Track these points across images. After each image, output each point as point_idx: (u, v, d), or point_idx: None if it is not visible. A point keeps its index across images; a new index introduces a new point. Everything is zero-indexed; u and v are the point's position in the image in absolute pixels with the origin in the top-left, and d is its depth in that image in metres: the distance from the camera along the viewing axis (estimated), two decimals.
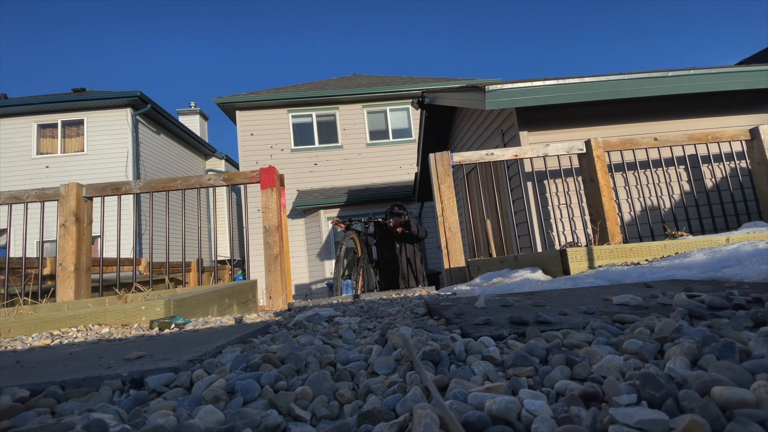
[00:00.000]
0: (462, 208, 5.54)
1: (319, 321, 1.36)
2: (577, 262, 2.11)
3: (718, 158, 3.74)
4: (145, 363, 0.81)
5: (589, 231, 3.26)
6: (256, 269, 9.02)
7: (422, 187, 8.35)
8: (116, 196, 3.09)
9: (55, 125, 11.28)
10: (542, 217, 3.77)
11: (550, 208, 3.84)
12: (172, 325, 1.44)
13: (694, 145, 3.43)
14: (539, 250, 3.72)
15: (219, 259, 14.21)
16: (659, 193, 3.81)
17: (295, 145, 11.27)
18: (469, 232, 3.90)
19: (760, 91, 3.99)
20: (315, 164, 11.17)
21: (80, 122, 11.32)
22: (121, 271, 3.76)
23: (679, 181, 3.82)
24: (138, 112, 11.30)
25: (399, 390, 0.60)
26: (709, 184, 3.83)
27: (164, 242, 7.57)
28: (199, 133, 16.06)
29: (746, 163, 3.59)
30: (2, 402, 0.61)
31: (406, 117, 11.74)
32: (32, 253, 9.96)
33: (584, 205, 3.46)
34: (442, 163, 3.12)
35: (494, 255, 4.41)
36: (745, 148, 3.49)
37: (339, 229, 4.33)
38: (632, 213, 3.65)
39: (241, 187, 3.70)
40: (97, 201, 3.29)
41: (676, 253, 2.08)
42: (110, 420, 0.53)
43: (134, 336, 1.32)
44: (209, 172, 14.70)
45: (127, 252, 9.44)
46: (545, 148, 3.23)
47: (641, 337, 0.70)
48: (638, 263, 2.06)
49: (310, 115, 11.49)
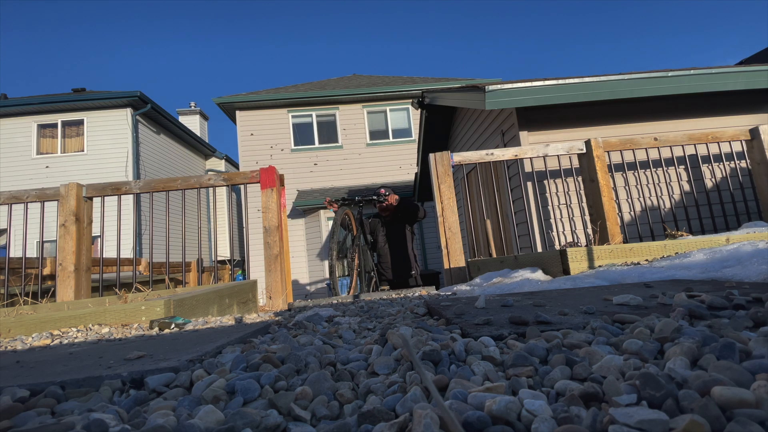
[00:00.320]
0: (462, 208, 5.54)
1: (319, 321, 1.36)
2: (577, 262, 2.11)
3: (718, 158, 3.74)
4: (145, 363, 0.81)
5: (589, 231, 3.26)
6: (256, 269, 9.02)
7: (422, 187, 8.35)
8: (116, 196, 3.09)
9: (55, 125, 11.28)
10: (542, 217, 3.77)
11: (550, 208, 3.84)
12: (172, 325, 1.44)
13: (694, 145, 3.43)
14: (539, 250, 3.72)
15: (219, 259, 14.22)
16: (659, 193, 3.81)
17: (295, 145, 11.27)
18: (469, 232, 3.90)
19: (760, 91, 3.99)
20: (315, 164, 11.18)
21: (80, 122, 11.33)
22: (121, 271, 3.76)
23: (679, 181, 3.82)
24: (138, 112, 11.30)
25: (399, 390, 0.60)
26: (709, 184, 3.83)
27: (164, 242, 7.57)
28: (199, 133, 16.07)
29: (746, 163, 3.58)
30: (2, 402, 0.61)
31: (406, 117, 11.74)
32: (32, 253, 9.97)
33: (584, 205, 3.46)
34: (442, 163, 3.12)
35: (494, 255, 4.41)
36: (745, 148, 3.49)
37: (331, 209, 4.09)
38: (632, 213, 3.65)
39: (241, 187, 3.70)
40: (97, 201, 3.29)
41: (676, 253, 2.08)
42: (110, 420, 0.53)
43: (134, 336, 1.31)
44: (209, 172, 14.70)
45: (127, 252, 9.44)
46: (545, 148, 3.23)
47: (641, 337, 0.70)
48: (638, 263, 2.06)
49: (310, 115, 11.49)
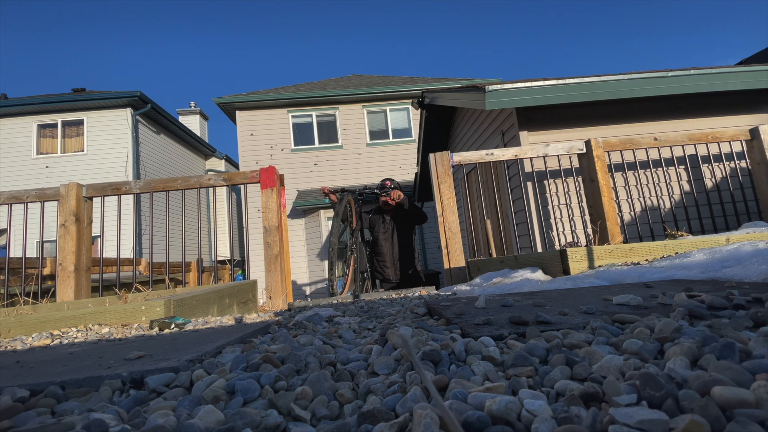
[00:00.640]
0: (462, 208, 5.54)
1: (319, 321, 1.36)
2: (577, 262, 2.11)
3: (718, 158, 3.74)
4: (145, 363, 0.81)
5: (589, 231, 3.26)
6: (256, 269, 9.02)
7: (422, 187, 8.35)
8: (116, 196, 3.08)
9: (55, 125, 11.28)
10: (542, 217, 3.77)
11: (550, 208, 3.84)
12: (172, 325, 1.44)
13: (694, 145, 3.43)
14: (539, 250, 3.72)
15: (219, 259, 14.22)
16: (659, 193, 3.81)
17: (295, 145, 11.27)
18: (469, 232, 3.90)
19: (760, 91, 3.99)
20: (315, 164, 11.18)
21: (80, 122, 11.33)
22: (121, 271, 3.76)
23: (679, 181, 3.82)
24: (138, 112, 11.30)
25: (399, 390, 0.60)
26: (709, 184, 3.82)
27: (164, 242, 7.57)
28: (199, 133, 16.07)
29: (746, 163, 3.58)
30: (2, 402, 0.61)
31: (406, 117, 11.74)
32: (32, 253, 9.97)
33: (584, 205, 3.46)
34: (442, 163, 3.12)
35: (494, 255, 4.41)
36: (745, 148, 3.49)
37: (327, 200, 3.88)
38: (632, 213, 3.65)
39: (241, 187, 3.70)
40: (97, 201, 3.29)
41: (676, 253, 2.08)
42: (110, 420, 0.53)
43: (134, 336, 1.31)
44: (209, 172, 14.69)
45: (127, 252, 9.44)
46: (545, 148, 3.23)
47: (641, 337, 0.70)
48: (638, 263, 2.06)
49: (310, 115, 11.49)
